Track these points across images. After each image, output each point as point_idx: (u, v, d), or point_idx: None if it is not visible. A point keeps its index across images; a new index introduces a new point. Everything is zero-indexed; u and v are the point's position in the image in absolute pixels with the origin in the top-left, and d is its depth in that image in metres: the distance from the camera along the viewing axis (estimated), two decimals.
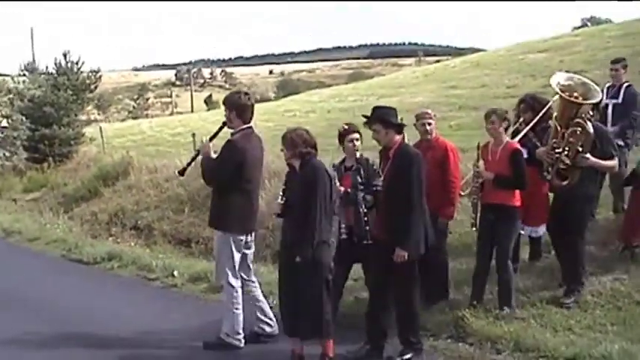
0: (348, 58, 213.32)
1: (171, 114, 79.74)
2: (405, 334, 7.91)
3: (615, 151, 9.24)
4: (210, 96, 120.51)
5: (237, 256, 8.63)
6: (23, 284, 12.76)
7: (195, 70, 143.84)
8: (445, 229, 9.53)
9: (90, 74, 34.46)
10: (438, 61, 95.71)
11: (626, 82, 11.45)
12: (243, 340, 8.64)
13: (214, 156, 8.64)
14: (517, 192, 8.83)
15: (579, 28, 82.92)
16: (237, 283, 8.67)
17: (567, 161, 8.87)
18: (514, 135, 9.79)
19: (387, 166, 7.98)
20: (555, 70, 34.44)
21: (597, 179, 9.63)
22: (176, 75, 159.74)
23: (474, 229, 9.24)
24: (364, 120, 8.16)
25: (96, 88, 36.51)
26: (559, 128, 8.97)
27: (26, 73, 36.01)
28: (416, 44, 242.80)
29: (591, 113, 9.13)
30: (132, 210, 18.39)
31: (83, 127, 31.72)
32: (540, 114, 9.79)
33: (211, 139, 8.90)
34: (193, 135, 22.33)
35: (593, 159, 8.87)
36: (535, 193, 9.56)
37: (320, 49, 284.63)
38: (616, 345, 7.43)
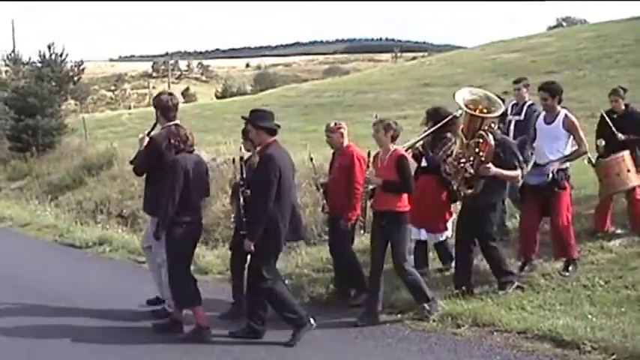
0: (325, 53, 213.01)
1: (148, 105, 79.80)
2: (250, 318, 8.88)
3: (519, 161, 9.68)
4: (188, 88, 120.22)
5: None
6: (18, 266, 13.43)
7: (172, 62, 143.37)
8: (347, 230, 10.04)
9: (73, 66, 34.94)
10: (414, 58, 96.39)
11: (530, 100, 12.18)
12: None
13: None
14: (405, 197, 9.24)
15: (554, 27, 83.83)
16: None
17: (471, 170, 9.38)
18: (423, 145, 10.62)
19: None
20: (528, 69, 35.56)
21: (502, 189, 10.00)
22: (153, 66, 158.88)
23: (362, 232, 10.01)
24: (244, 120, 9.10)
25: (79, 79, 37.07)
26: (464, 140, 9.52)
27: (9, 63, 36.46)
28: (392, 40, 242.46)
29: (496, 126, 9.82)
30: (116, 199, 19.01)
31: (66, 117, 32.20)
32: (437, 126, 10.41)
33: (148, 134, 9.85)
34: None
35: (494, 169, 9.36)
36: (434, 201, 10.45)
37: (297, 43, 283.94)
38: (561, 321, 8.39)
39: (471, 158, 9.39)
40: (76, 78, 34.74)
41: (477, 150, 9.34)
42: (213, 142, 24.10)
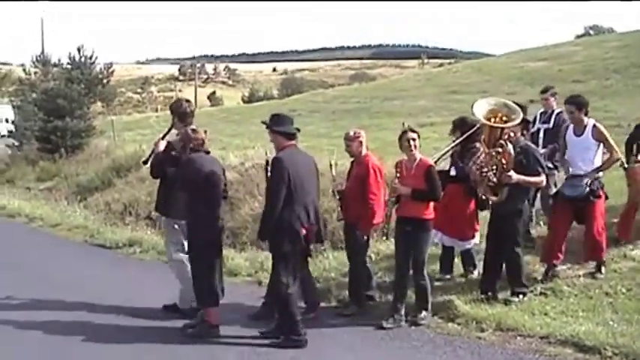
0: (352, 58, 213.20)
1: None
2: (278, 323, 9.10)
3: (542, 168, 9.89)
4: (214, 92, 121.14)
5: (179, 237, 9.91)
6: (51, 265, 13.69)
7: (199, 65, 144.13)
8: (362, 241, 10.22)
9: (102, 69, 35.29)
10: (441, 65, 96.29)
11: (558, 108, 12.19)
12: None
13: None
14: (431, 205, 9.52)
15: (581, 36, 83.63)
16: (180, 257, 9.89)
17: (494, 179, 9.59)
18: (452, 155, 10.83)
19: None
20: (554, 78, 35.56)
21: (527, 195, 10.17)
22: (179, 70, 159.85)
23: (385, 238, 10.19)
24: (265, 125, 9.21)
25: (108, 82, 37.42)
26: (486, 149, 9.70)
27: (38, 65, 36.85)
28: (419, 46, 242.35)
29: (519, 132, 9.96)
30: (145, 201, 19.07)
31: (94, 120, 32.55)
32: (464, 136, 10.57)
33: (163, 137, 10.27)
34: (205, 132, 23.15)
35: (516, 176, 9.52)
36: (462, 209, 10.64)
37: (324, 48, 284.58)
38: (583, 327, 8.61)
39: (494, 167, 9.55)
40: (105, 81, 35.20)
41: (498, 158, 9.51)
42: (242, 147, 24.34)
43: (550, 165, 11.46)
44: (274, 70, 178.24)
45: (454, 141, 10.79)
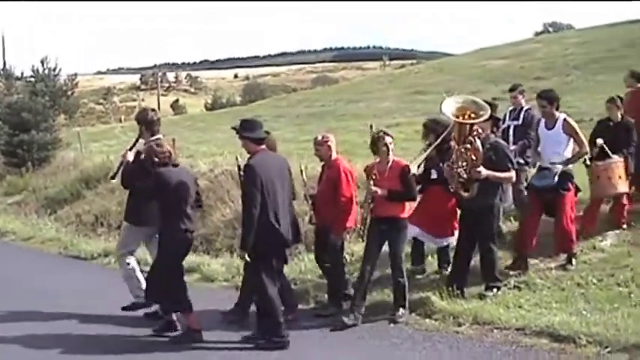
0: (313, 62, 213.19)
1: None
2: (259, 326, 9.24)
3: (512, 163, 10.08)
4: (177, 100, 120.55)
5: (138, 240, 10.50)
6: (27, 278, 13.68)
7: (160, 74, 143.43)
8: (336, 244, 10.33)
9: (66, 80, 35.16)
10: (402, 66, 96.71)
11: (527, 105, 12.60)
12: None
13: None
14: (406, 205, 9.86)
15: (540, 33, 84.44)
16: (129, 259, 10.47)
17: (464, 175, 9.66)
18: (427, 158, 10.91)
19: None
20: (516, 75, 36.00)
21: (498, 191, 10.25)
22: (141, 79, 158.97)
23: (361, 240, 10.26)
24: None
25: (72, 94, 37.30)
26: (457, 146, 9.75)
27: (1, 78, 36.62)
28: (380, 48, 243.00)
29: (489, 130, 10.18)
30: (116, 211, 19.02)
31: (60, 132, 32.42)
32: (440, 137, 10.69)
33: (130, 149, 10.43)
34: (173, 140, 23.08)
35: (486, 172, 9.63)
36: (442, 208, 10.78)
37: (284, 53, 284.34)
38: (557, 317, 8.84)
39: (464, 163, 9.65)
40: (69, 92, 35.11)
41: (467, 155, 9.64)
42: (209, 154, 24.41)
43: (521, 161, 11.76)
44: (236, 76, 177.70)
45: (429, 144, 10.91)
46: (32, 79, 33.40)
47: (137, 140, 10.54)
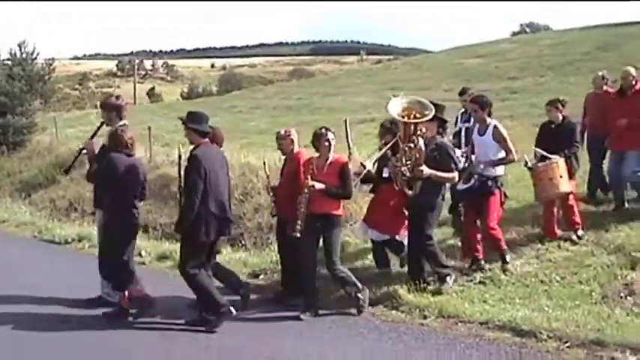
0: (290, 54, 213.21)
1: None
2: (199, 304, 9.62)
3: (455, 164, 10.27)
4: (153, 88, 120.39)
5: None
6: (1, 259, 13.85)
7: (137, 61, 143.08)
8: (292, 237, 10.17)
9: (44, 65, 35.13)
10: (379, 62, 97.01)
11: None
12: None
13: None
14: (341, 202, 10.06)
15: (517, 34, 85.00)
16: None
17: (408, 174, 9.87)
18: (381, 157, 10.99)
19: None
20: (491, 75, 36.24)
21: (440, 190, 10.41)
22: (118, 65, 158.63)
23: (297, 235, 10.23)
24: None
25: (49, 78, 37.24)
26: (402, 145, 9.91)
27: None
28: (358, 42, 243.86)
29: (435, 131, 10.32)
30: (90, 197, 19.11)
31: (36, 116, 32.44)
32: (396, 137, 10.54)
33: (92, 137, 10.65)
34: (149, 128, 23.11)
35: (428, 171, 9.86)
36: (393, 206, 10.81)
37: (262, 44, 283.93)
38: (520, 313, 9.11)
39: (407, 162, 9.84)
40: (46, 77, 35.08)
41: (411, 153, 9.80)
42: (184, 142, 24.50)
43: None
44: (213, 66, 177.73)
45: (385, 143, 10.97)
46: (9, 63, 33.38)
47: (99, 128, 10.69)
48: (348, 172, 10.01)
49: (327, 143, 9.96)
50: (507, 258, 10.83)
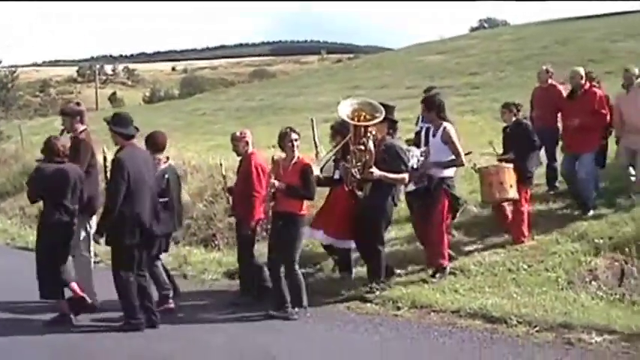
0: (251, 55, 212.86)
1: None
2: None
3: (405, 165, 10.31)
4: (115, 93, 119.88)
5: (83, 233, 10.59)
6: None
7: (97, 66, 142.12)
8: (247, 235, 10.68)
9: (7, 73, 34.99)
10: (339, 60, 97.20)
11: None
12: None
13: None
14: (304, 202, 10.03)
15: (476, 29, 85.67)
16: (87, 255, 10.74)
17: (358, 175, 9.96)
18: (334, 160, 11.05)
19: None
20: (452, 71, 36.65)
21: (390, 192, 10.45)
22: (78, 71, 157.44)
23: (265, 233, 10.66)
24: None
25: (12, 87, 37.05)
26: (351, 146, 9.96)
27: None
28: (318, 42, 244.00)
29: (385, 132, 10.46)
30: None
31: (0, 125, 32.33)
32: (346, 138, 10.36)
33: (61, 134, 10.83)
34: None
35: (378, 172, 9.94)
36: (345, 210, 10.68)
37: (222, 46, 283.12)
38: (490, 300, 9.49)
39: (357, 163, 9.92)
40: (9, 85, 34.93)
41: (361, 155, 9.89)
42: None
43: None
44: (173, 69, 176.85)
45: (335, 145, 11.03)
46: None
47: (62, 133, 10.92)
48: (309, 173, 10.01)
49: (290, 143, 10.05)
50: (437, 275, 10.72)
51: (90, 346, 9.15)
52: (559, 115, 13.23)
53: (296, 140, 10.07)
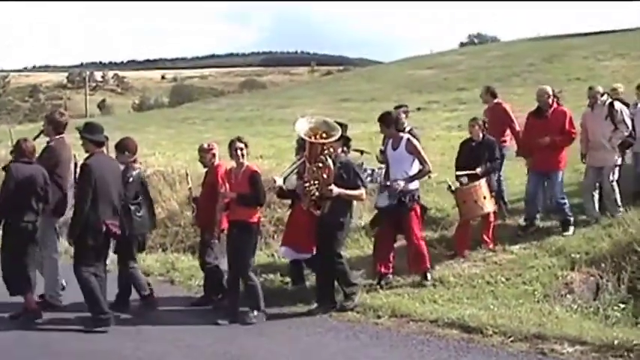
0: (241, 65, 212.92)
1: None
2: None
3: (362, 181, 10.53)
4: (104, 100, 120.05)
5: (52, 235, 11.02)
6: None
7: (87, 73, 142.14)
8: (210, 243, 11.03)
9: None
10: (329, 72, 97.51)
11: (409, 126, 12.75)
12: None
13: None
14: (256, 210, 10.40)
15: (466, 44, 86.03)
16: (55, 256, 11.07)
17: (316, 193, 10.11)
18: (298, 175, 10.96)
19: None
20: (441, 86, 36.93)
21: (349, 208, 10.65)
22: (68, 77, 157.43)
23: (216, 241, 10.92)
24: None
25: (4, 92, 37.21)
26: (309, 165, 10.17)
27: None
28: (308, 53, 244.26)
29: (340, 149, 10.63)
30: None
31: None
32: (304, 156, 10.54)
33: (34, 138, 11.22)
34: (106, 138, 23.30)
35: (337, 190, 10.02)
36: (305, 224, 10.77)
37: (213, 55, 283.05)
38: (468, 311, 9.75)
39: (316, 182, 10.09)
40: (1, 90, 35.13)
41: (319, 173, 10.06)
42: (140, 154, 24.82)
43: None
44: (163, 77, 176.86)
45: (299, 159, 11.16)
46: None
47: (38, 135, 11.53)
48: (257, 180, 10.30)
49: (235, 152, 10.32)
50: (428, 276, 11.23)
51: (77, 347, 9.33)
52: (507, 132, 13.77)
53: (242, 149, 10.32)
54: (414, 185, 11.18)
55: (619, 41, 43.31)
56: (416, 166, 11.14)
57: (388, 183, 11.28)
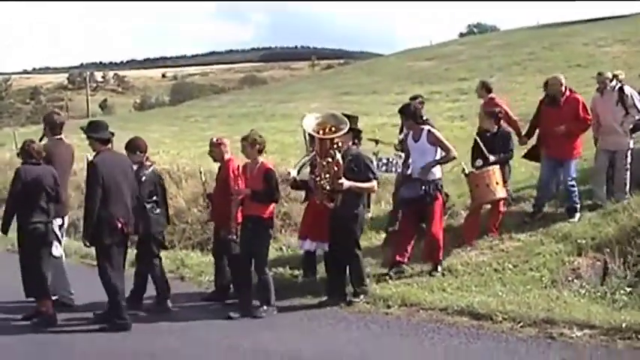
0: (241, 62, 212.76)
1: (67, 118, 78.53)
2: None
3: (373, 174, 10.50)
4: (105, 100, 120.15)
5: (51, 235, 10.79)
6: None
7: (88, 73, 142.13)
8: (226, 240, 10.88)
9: (1, 82, 35.19)
10: (329, 67, 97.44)
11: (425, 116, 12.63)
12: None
13: None
14: (270, 206, 10.41)
15: (465, 35, 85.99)
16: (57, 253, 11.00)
17: (327, 187, 10.12)
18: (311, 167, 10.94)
19: None
20: (442, 77, 36.97)
21: (361, 200, 10.72)
22: (68, 78, 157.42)
23: (231, 236, 10.83)
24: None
25: (7, 95, 37.26)
26: (319, 159, 10.16)
27: None
28: (308, 48, 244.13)
29: (352, 142, 10.74)
30: None
31: None
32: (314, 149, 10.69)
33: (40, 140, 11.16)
34: (112, 134, 23.31)
35: (348, 183, 10.05)
36: (322, 215, 10.77)
37: (213, 52, 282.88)
38: (477, 299, 9.90)
39: (326, 175, 10.07)
40: (3, 93, 35.20)
41: (330, 167, 10.03)
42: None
43: None
44: (164, 75, 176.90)
45: (310, 151, 11.36)
46: None
47: (41, 138, 11.30)
48: (271, 177, 10.37)
49: (251, 147, 10.37)
50: (439, 268, 11.36)
51: (87, 344, 9.47)
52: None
53: (259, 144, 10.41)
54: (437, 174, 11.33)
55: (619, 27, 43.34)
56: (438, 156, 11.28)
57: (409, 172, 11.47)
